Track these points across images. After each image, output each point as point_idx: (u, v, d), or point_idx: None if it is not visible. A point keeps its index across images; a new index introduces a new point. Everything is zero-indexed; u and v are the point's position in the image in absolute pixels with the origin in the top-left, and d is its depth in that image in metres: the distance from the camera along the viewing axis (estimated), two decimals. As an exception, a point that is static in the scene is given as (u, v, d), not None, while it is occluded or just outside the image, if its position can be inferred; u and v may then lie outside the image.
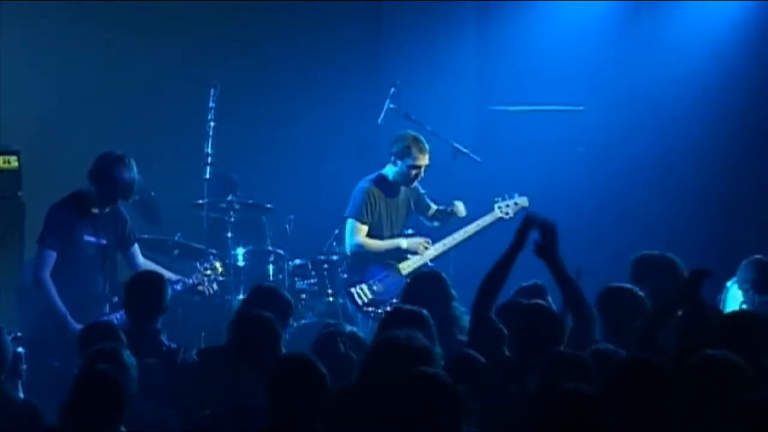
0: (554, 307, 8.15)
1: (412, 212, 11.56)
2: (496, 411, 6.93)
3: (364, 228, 11.27)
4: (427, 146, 11.20)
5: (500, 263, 8.07)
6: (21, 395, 7.59)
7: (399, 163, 11.23)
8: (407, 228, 11.56)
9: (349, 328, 8.26)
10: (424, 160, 11.18)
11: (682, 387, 6.46)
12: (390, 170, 11.31)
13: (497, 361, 7.40)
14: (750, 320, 7.66)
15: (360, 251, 11.33)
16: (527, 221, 8.09)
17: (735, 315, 8.24)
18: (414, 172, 11.23)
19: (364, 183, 11.36)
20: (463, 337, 8.14)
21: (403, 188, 11.44)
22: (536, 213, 8.21)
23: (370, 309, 11.01)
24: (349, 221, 11.31)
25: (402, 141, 11.24)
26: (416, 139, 11.23)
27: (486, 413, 6.84)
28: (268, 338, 7.59)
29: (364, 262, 11.28)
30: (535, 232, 8.09)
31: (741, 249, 11.22)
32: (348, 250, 11.38)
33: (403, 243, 11.34)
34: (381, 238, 11.38)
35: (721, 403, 6.25)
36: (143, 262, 10.31)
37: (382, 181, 11.35)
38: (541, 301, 8.03)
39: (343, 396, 6.96)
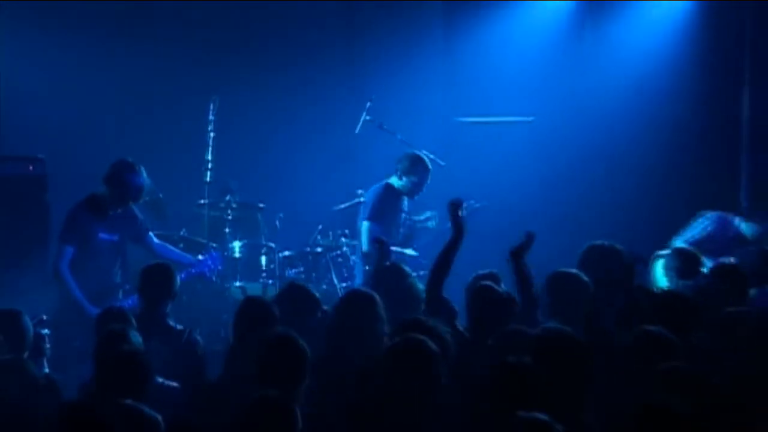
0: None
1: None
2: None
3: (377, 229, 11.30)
4: (430, 167, 11.35)
5: (446, 249, 8.23)
6: (46, 370, 7.57)
7: (405, 178, 11.37)
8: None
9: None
10: (426, 179, 11.33)
11: (619, 359, 6.65)
12: (395, 182, 11.44)
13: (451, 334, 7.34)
14: (680, 301, 7.74)
15: (372, 252, 11.15)
16: (453, 205, 8.31)
17: (666, 295, 8.27)
18: (417, 187, 11.41)
19: (379, 190, 11.48)
20: None
21: (404, 197, 11.61)
22: (459, 198, 8.36)
23: None
24: (365, 223, 11.41)
25: (408, 160, 11.38)
26: (422, 160, 11.36)
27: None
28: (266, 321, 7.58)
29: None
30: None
31: (672, 235, 11.35)
32: (365, 248, 11.40)
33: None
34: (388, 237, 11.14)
35: (651, 370, 6.28)
36: (159, 244, 10.39)
37: (390, 190, 11.49)
38: (490, 283, 8.03)
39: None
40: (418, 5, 14.06)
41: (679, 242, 11.37)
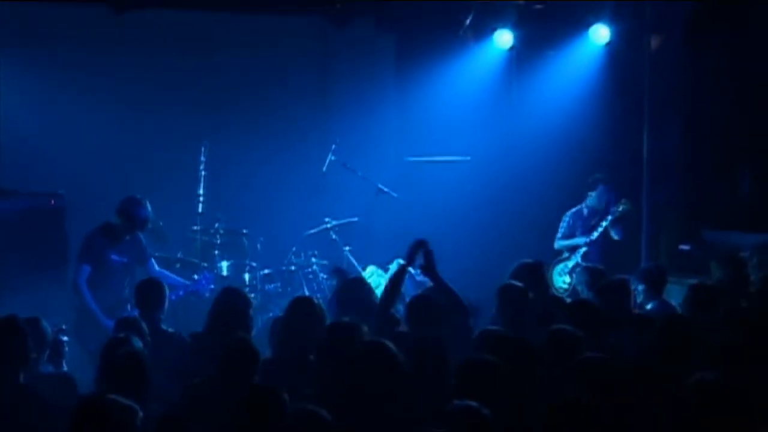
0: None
1: None
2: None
3: None
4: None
5: (395, 277, 8.23)
6: (65, 369, 7.66)
7: None
8: None
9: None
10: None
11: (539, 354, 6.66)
12: None
13: (395, 336, 7.32)
14: (592, 309, 7.89)
15: None
16: (414, 245, 8.25)
17: (579, 303, 8.28)
18: None
19: None
20: None
21: None
22: (423, 239, 8.29)
23: None
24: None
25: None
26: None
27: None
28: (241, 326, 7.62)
29: None
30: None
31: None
32: None
33: None
34: None
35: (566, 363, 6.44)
36: (158, 270, 10.37)
37: None
38: (427, 294, 8.07)
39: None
40: (376, 62, 14.06)
41: (557, 243, 12.02)
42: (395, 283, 8.18)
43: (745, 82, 12.34)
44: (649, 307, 8.99)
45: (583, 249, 11.80)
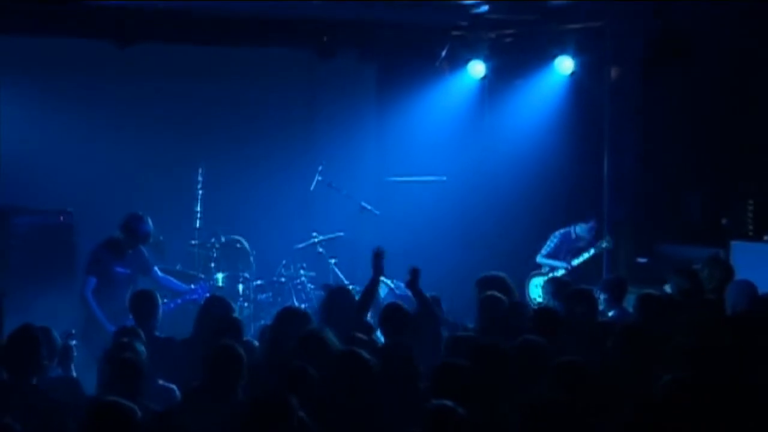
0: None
1: None
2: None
3: None
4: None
5: (369, 288, 8.36)
6: (74, 374, 7.60)
7: None
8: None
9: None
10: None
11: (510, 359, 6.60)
12: None
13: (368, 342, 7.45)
14: (554, 315, 7.98)
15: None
16: (376, 254, 8.51)
17: (543, 311, 8.32)
18: None
19: None
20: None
21: None
22: (381, 248, 8.55)
23: None
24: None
25: None
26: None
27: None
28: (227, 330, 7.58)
29: None
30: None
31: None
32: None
33: None
34: None
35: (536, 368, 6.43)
36: (162, 276, 10.36)
37: None
38: (397, 304, 8.09)
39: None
40: (359, 91, 14.12)
41: (540, 258, 11.94)
42: (369, 293, 8.30)
43: (693, 111, 12.37)
44: (610, 314, 9.01)
45: (561, 272, 11.82)
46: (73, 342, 7.85)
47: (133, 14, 11.40)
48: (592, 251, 11.79)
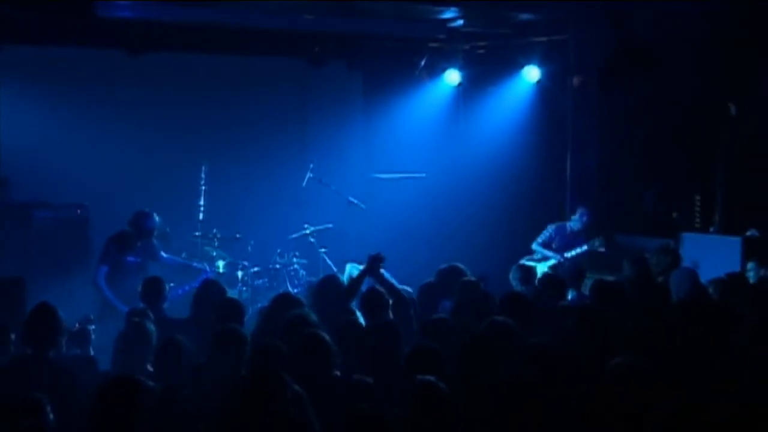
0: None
1: None
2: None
3: None
4: None
5: (358, 277, 8.26)
6: (92, 352, 7.56)
7: None
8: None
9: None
10: None
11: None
12: None
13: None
14: (519, 298, 7.90)
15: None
16: (375, 258, 8.28)
17: (510, 295, 8.06)
18: None
19: None
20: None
21: None
22: (381, 254, 8.32)
23: None
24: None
25: None
26: None
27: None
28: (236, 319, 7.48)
29: None
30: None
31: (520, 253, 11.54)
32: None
33: None
34: None
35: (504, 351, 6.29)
36: (167, 257, 10.42)
37: None
38: (376, 288, 7.94)
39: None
40: (347, 96, 14.10)
41: (535, 245, 11.71)
42: (357, 282, 8.27)
43: (649, 116, 12.41)
44: (570, 298, 9.01)
45: (553, 261, 11.64)
46: (92, 327, 7.86)
47: (143, 26, 11.44)
48: (585, 247, 11.72)
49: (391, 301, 7.83)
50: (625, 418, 5.42)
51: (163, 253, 10.44)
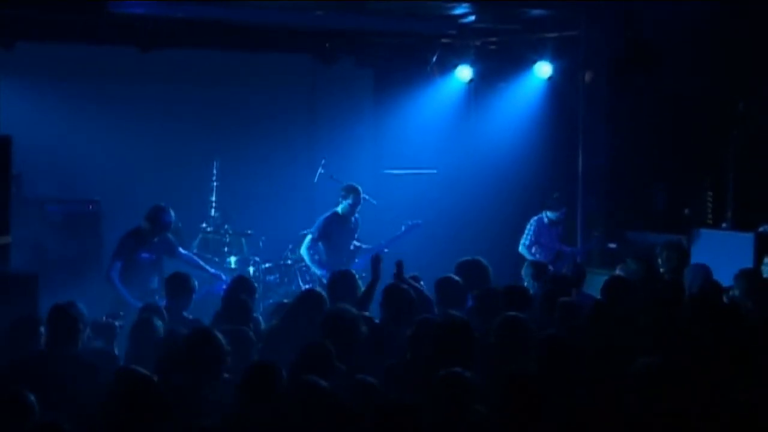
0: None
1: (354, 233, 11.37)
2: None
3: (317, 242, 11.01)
4: (360, 192, 11.17)
5: (368, 289, 8.24)
6: (116, 350, 7.51)
7: (343, 201, 11.10)
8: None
9: None
10: (359, 200, 11.12)
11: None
12: (340, 207, 11.16)
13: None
14: (523, 293, 8.01)
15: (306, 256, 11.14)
16: (375, 259, 8.45)
17: (513, 288, 8.12)
18: (353, 207, 11.14)
19: (324, 215, 11.16)
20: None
21: (351, 217, 11.25)
22: (379, 255, 8.55)
23: None
24: (308, 236, 11.11)
25: (346, 189, 11.19)
26: (354, 188, 11.20)
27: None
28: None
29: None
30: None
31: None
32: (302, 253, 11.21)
33: None
34: (338, 248, 11.08)
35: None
36: (186, 254, 10.43)
37: (334, 215, 11.18)
38: (401, 284, 7.93)
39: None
40: (357, 93, 14.06)
41: (521, 248, 11.67)
42: (367, 294, 8.25)
43: (660, 111, 12.42)
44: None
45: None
46: (118, 323, 7.82)
47: (155, 23, 11.47)
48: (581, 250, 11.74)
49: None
50: (646, 418, 5.40)
51: (181, 249, 10.44)
